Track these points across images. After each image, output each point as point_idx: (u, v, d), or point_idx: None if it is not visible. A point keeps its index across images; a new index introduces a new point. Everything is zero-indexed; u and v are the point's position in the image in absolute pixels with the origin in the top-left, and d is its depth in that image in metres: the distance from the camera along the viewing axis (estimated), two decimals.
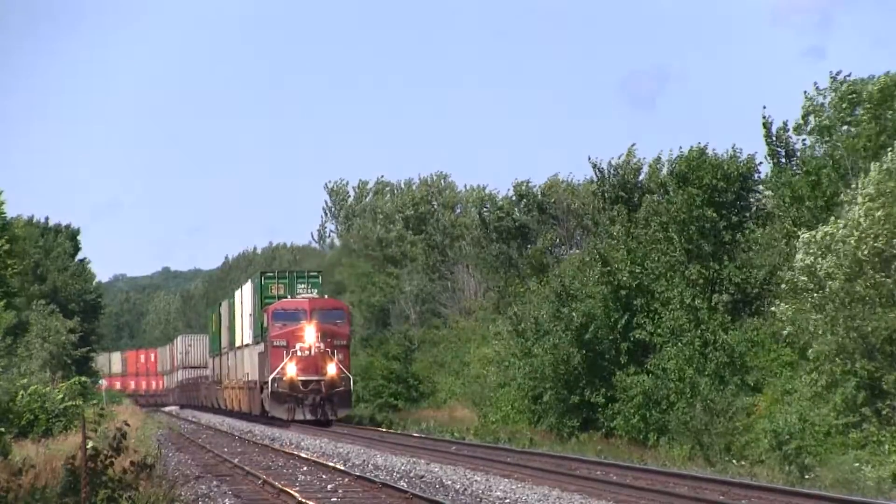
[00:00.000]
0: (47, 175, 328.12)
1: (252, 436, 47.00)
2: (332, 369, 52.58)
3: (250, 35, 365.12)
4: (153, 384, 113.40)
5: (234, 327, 65.85)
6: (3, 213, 55.22)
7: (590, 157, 62.78)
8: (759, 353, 37.29)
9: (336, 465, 31.25)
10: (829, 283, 30.12)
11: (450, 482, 27.27)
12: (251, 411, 60.06)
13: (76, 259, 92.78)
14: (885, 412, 29.48)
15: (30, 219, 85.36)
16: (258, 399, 56.87)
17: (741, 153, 41.10)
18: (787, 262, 34.32)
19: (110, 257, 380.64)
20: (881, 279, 29.53)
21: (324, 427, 50.93)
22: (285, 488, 25.17)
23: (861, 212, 29.73)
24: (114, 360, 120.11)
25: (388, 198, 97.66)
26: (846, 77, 37.09)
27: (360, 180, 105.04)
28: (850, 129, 36.12)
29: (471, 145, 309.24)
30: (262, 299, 57.47)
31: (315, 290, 57.33)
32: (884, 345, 29.62)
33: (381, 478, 27.60)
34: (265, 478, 27.69)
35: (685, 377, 37.84)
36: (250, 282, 62.26)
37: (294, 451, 37.09)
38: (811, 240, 30.71)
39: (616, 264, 42.79)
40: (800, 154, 40.09)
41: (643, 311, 41.74)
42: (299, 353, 52.61)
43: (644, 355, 41.55)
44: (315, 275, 59.56)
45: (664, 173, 49.04)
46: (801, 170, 38.37)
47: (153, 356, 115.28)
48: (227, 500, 24.43)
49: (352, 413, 56.75)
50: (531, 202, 65.37)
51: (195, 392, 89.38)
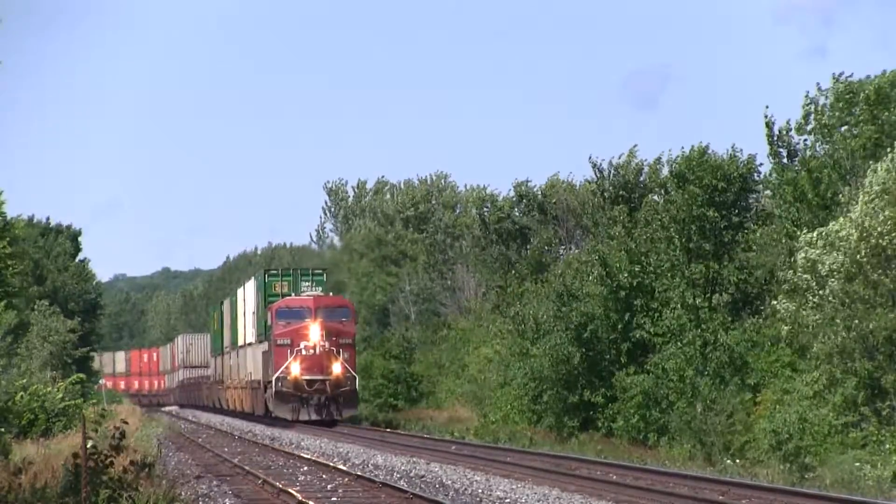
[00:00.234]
0: (48, 175, 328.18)
1: (252, 435, 46.99)
2: (337, 368, 51.45)
3: (250, 35, 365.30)
4: (155, 384, 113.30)
5: (237, 326, 64.88)
6: (3, 213, 55.13)
7: (590, 157, 62.73)
8: (759, 354, 37.27)
9: (336, 465, 31.25)
10: (830, 282, 30.09)
11: (450, 482, 27.27)
12: (254, 411, 59.18)
13: (76, 259, 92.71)
14: (884, 412, 29.48)
15: (30, 219, 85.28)
16: (262, 399, 55.97)
17: (741, 153, 41.13)
18: (787, 262, 34.27)
19: (110, 257, 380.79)
20: (880, 278, 29.50)
21: (328, 428, 50.02)
22: (285, 488, 25.17)
23: (866, 209, 29.61)
24: (118, 360, 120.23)
25: (387, 197, 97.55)
26: (848, 78, 37.05)
27: (358, 180, 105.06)
28: (850, 129, 36.07)
29: (471, 145, 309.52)
30: (265, 297, 56.57)
31: (320, 288, 56.11)
32: (883, 344, 29.61)
33: (382, 477, 27.60)
34: (265, 477, 27.69)
35: (685, 377, 37.84)
36: (253, 279, 61.07)
37: (294, 451, 37.09)
38: (816, 237, 30.64)
39: (615, 264, 42.75)
40: (801, 154, 40.05)
41: (643, 311, 41.73)
42: (304, 352, 51.46)
43: (644, 355, 41.54)
44: (319, 272, 58.52)
45: (665, 173, 49.01)
46: (803, 168, 38.28)
47: (155, 356, 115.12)
48: (227, 499, 24.42)
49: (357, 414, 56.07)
50: (531, 202, 65.28)
51: (197, 392, 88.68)
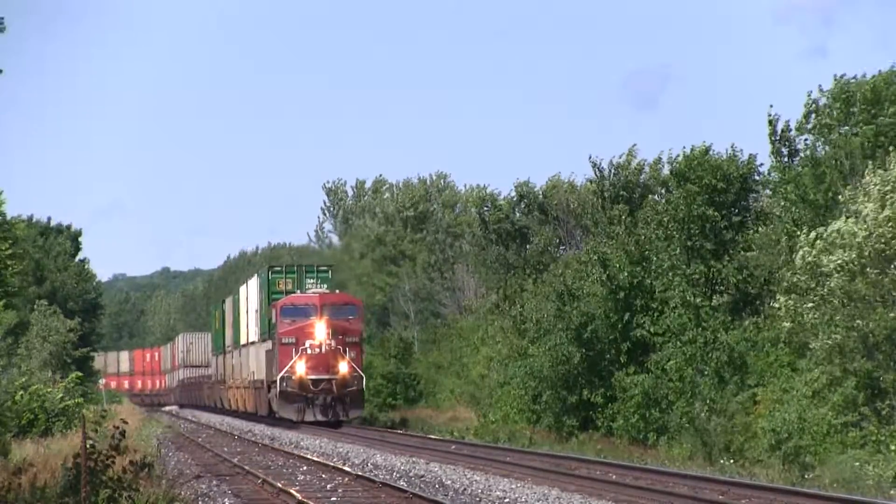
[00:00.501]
0: (48, 175, 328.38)
1: (252, 435, 46.99)
2: (343, 368, 50.26)
3: (250, 35, 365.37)
4: (157, 383, 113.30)
5: (239, 324, 63.72)
6: (3, 213, 55.15)
7: (590, 157, 62.81)
8: (758, 354, 37.25)
9: (336, 465, 31.25)
10: (830, 281, 30.07)
11: (449, 482, 27.27)
12: (258, 412, 57.98)
13: (76, 259, 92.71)
14: (884, 411, 29.47)
15: (30, 219, 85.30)
16: (265, 399, 54.73)
17: (741, 153, 41.11)
18: (787, 262, 34.25)
19: (110, 257, 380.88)
20: (880, 277, 29.49)
21: (333, 428, 49.12)
22: (285, 488, 25.18)
23: (872, 207, 29.53)
24: (122, 359, 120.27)
25: (386, 196, 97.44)
26: (849, 79, 37.03)
27: (357, 179, 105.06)
28: (849, 129, 36.06)
29: (471, 145, 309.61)
30: (269, 294, 55.46)
31: (325, 285, 54.90)
32: (883, 344, 29.60)
33: (381, 477, 27.60)
34: (265, 477, 27.69)
35: (685, 377, 37.83)
36: (256, 277, 59.66)
37: (294, 451, 37.08)
38: (818, 236, 30.62)
39: (616, 264, 42.75)
40: (802, 153, 40.03)
41: (643, 311, 41.73)
42: (309, 351, 50.30)
43: (644, 355, 41.53)
44: (325, 269, 57.10)
45: (665, 173, 49.02)
46: (804, 166, 38.25)
47: (157, 355, 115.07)
48: (226, 499, 24.43)
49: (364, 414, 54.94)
50: (532, 202, 65.26)
51: (197, 391, 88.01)
